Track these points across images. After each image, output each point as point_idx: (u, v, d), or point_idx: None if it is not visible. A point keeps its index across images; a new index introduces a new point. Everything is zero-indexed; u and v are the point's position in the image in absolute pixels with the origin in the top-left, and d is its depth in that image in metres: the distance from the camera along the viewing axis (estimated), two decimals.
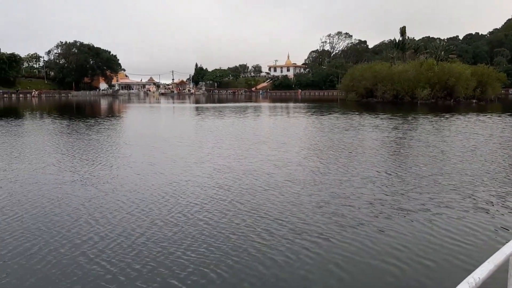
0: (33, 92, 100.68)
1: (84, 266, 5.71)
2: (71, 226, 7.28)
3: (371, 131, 21.97)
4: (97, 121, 29.90)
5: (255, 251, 6.22)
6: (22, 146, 17.04)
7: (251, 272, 5.56)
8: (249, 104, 61.56)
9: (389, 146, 17.00)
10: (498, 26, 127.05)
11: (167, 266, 5.71)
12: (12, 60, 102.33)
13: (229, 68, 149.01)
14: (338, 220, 7.59)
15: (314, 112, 39.42)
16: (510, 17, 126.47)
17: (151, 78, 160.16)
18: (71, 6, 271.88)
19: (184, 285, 5.20)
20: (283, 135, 20.87)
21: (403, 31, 73.96)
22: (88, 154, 15.10)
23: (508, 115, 32.79)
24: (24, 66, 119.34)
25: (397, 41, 74.88)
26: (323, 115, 34.36)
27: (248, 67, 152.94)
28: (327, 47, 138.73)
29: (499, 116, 31.37)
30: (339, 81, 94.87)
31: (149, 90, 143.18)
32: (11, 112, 43.87)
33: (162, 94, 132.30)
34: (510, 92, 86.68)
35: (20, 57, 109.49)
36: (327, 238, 6.75)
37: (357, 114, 34.43)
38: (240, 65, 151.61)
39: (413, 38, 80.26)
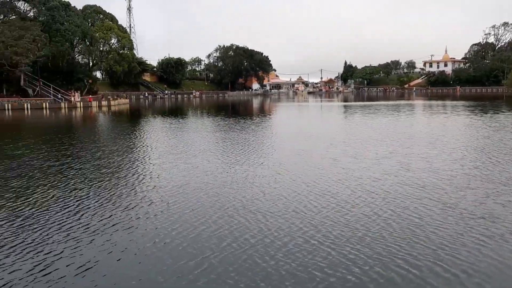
0: (194, 93, 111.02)
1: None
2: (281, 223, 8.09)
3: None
4: (257, 119, 31.83)
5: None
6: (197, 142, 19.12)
7: None
8: (401, 102, 59.01)
9: None
10: None
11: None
12: (179, 64, 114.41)
13: (379, 65, 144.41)
14: None
15: (479, 111, 36.17)
16: None
17: (300, 77, 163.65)
18: (227, 12, 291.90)
19: None
20: (447, 135, 19.72)
21: None
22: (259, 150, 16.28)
23: None
24: (188, 69, 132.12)
25: None
26: (488, 114, 31.38)
27: (401, 63, 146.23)
28: (491, 40, 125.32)
29: None
30: (505, 76, 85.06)
31: (298, 89, 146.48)
32: (178, 110, 49.27)
33: (310, 92, 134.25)
34: None
35: (185, 61, 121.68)
36: None
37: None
38: (391, 61, 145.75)
39: None
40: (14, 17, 57.96)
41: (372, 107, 45.99)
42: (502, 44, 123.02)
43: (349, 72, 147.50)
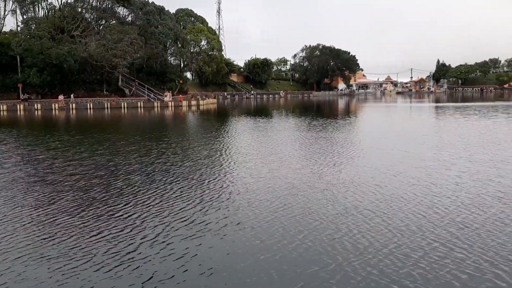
0: (281, 93, 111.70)
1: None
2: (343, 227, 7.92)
3: None
4: (332, 121, 31.26)
5: None
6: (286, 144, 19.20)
7: None
8: (501, 103, 54.59)
9: None
10: None
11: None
12: (265, 64, 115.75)
13: (476, 64, 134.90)
14: None
15: None
16: None
17: (388, 77, 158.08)
18: (316, 11, 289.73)
19: None
20: None
21: None
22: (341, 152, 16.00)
23: None
24: (273, 70, 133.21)
25: None
26: None
27: (500, 61, 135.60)
28: None
29: None
30: None
31: (386, 89, 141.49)
32: (263, 110, 49.84)
33: (399, 92, 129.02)
34: None
35: (271, 61, 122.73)
36: None
37: None
38: (490, 59, 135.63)
39: None
40: (114, 22, 62.27)
41: (470, 108, 42.96)
42: None
43: (442, 71, 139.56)
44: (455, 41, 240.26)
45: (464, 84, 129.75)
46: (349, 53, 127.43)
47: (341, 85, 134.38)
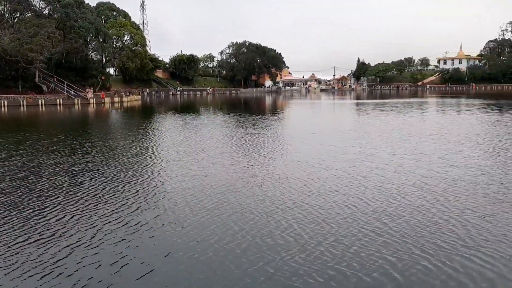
0: (208, 90, 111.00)
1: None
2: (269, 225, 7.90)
3: None
4: (261, 117, 31.61)
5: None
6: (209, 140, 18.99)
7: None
8: (415, 99, 58.31)
9: None
10: None
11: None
12: (191, 60, 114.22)
13: (393, 62, 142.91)
14: None
15: (492, 108, 35.55)
16: None
17: (312, 74, 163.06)
18: (240, 10, 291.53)
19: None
20: (452, 133, 19.33)
21: None
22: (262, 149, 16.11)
23: None
24: (200, 66, 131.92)
25: None
26: (502, 111, 30.79)
27: (414, 60, 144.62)
28: (508, 36, 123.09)
29: None
30: None
31: (310, 87, 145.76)
32: (191, 107, 49.21)
33: (323, 90, 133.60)
34: None
35: (198, 57, 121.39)
36: None
37: None
38: (405, 58, 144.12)
39: None
40: (30, 14, 58.29)
41: (388, 104, 45.42)
42: None
43: (362, 69, 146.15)
44: (374, 40, 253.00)
45: (382, 81, 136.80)
46: (275, 50, 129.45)
47: (268, 82, 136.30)
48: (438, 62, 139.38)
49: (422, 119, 27.70)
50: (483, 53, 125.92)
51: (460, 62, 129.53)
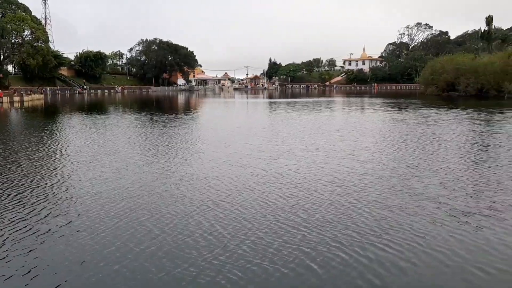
0: (117, 88, 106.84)
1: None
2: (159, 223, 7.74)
3: (453, 126, 20.99)
4: (175, 117, 31.18)
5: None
6: (110, 140, 18.25)
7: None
8: (323, 98, 60.98)
9: (469, 143, 16.14)
10: None
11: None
12: (98, 57, 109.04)
13: (302, 63, 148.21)
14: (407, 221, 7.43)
15: (392, 106, 38.28)
16: None
17: (226, 73, 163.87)
18: (150, 7, 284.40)
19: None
20: (359, 130, 20.53)
21: (489, 20, 69.52)
22: (168, 148, 15.86)
23: None
24: (108, 63, 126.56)
25: (482, 31, 70.42)
26: (401, 110, 33.30)
27: (322, 61, 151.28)
28: (405, 39, 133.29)
29: None
30: (417, 74, 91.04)
31: (224, 85, 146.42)
32: (98, 107, 47.03)
33: (236, 89, 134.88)
34: None
35: (105, 54, 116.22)
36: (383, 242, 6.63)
37: (438, 108, 32.95)
38: (314, 59, 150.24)
39: (500, 27, 75.10)
40: None
41: (299, 103, 47.00)
42: (415, 43, 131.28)
43: (273, 69, 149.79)
44: (285, 41, 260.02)
45: (293, 81, 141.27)
46: (187, 48, 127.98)
47: (181, 81, 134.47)
48: (344, 63, 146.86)
49: (331, 117, 29.06)
50: (383, 55, 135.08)
51: (364, 63, 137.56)
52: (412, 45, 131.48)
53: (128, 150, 15.13)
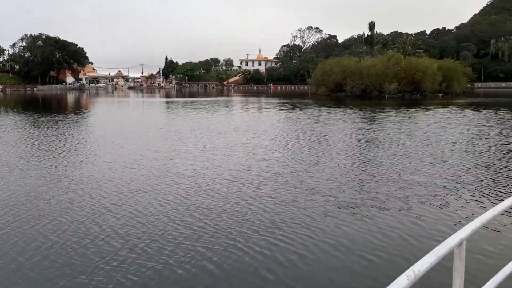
0: None
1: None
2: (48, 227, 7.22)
3: (341, 124, 22.42)
4: (64, 117, 29.31)
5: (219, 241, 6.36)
6: None
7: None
8: (221, 98, 61.42)
9: (355, 140, 17.40)
10: (465, 21, 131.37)
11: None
12: None
13: (200, 62, 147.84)
14: (297, 215, 7.82)
15: (287, 106, 39.77)
16: (476, 12, 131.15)
17: (119, 71, 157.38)
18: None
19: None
20: (256, 129, 21.03)
21: (371, 26, 75.34)
22: (58, 151, 14.87)
23: (474, 108, 33.88)
24: None
25: (365, 36, 76.14)
26: (295, 109, 34.75)
27: (220, 60, 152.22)
28: (298, 42, 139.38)
29: (462, 110, 32.41)
30: (309, 75, 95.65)
31: (117, 84, 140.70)
32: None
33: (131, 88, 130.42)
34: (476, 86, 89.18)
35: None
36: (282, 236, 6.94)
37: (328, 108, 34.97)
38: (211, 58, 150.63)
39: (381, 33, 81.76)
40: None
41: (197, 103, 46.80)
42: (307, 46, 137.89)
43: (170, 67, 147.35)
44: (182, 39, 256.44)
45: (190, 80, 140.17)
46: (76, 45, 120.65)
47: (70, 79, 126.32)
48: (241, 63, 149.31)
49: (229, 116, 29.39)
50: (278, 56, 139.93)
51: (260, 64, 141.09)
52: (304, 47, 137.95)
53: (11, 154, 13.87)
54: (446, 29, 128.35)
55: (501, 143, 15.98)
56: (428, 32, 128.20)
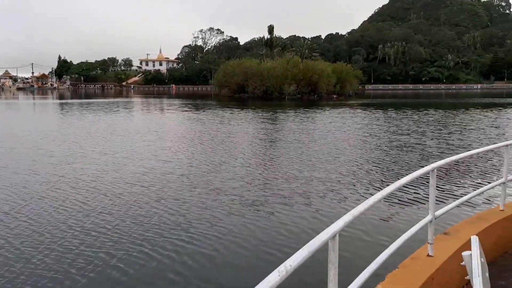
0: None
1: None
2: None
3: (244, 124, 22.87)
4: None
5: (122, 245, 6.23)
6: None
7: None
8: (120, 99, 59.19)
9: (258, 140, 17.90)
10: (355, 27, 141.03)
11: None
12: None
13: (96, 61, 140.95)
14: (202, 214, 7.92)
15: (190, 107, 39.52)
16: (365, 19, 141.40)
17: (6, 71, 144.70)
18: None
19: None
20: (158, 131, 20.66)
21: (271, 29, 77.70)
22: None
23: (365, 108, 36.51)
24: None
25: (265, 39, 78.31)
26: (199, 110, 34.67)
27: (118, 60, 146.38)
28: (200, 43, 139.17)
29: (355, 110, 34.81)
30: (212, 76, 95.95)
31: (5, 85, 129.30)
32: None
33: (20, 88, 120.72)
34: (366, 88, 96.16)
35: None
36: (188, 237, 7.01)
37: (231, 108, 35.41)
38: (109, 58, 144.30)
39: (280, 36, 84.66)
40: None
41: (94, 104, 44.61)
42: (209, 47, 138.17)
43: (64, 67, 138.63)
44: (77, 38, 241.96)
45: (86, 80, 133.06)
46: None
47: None
48: (141, 63, 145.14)
49: (129, 118, 28.48)
50: (180, 56, 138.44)
51: (161, 64, 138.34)
52: (206, 48, 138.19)
53: None
54: (339, 34, 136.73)
55: (388, 140, 17.46)
56: (323, 37, 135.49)
